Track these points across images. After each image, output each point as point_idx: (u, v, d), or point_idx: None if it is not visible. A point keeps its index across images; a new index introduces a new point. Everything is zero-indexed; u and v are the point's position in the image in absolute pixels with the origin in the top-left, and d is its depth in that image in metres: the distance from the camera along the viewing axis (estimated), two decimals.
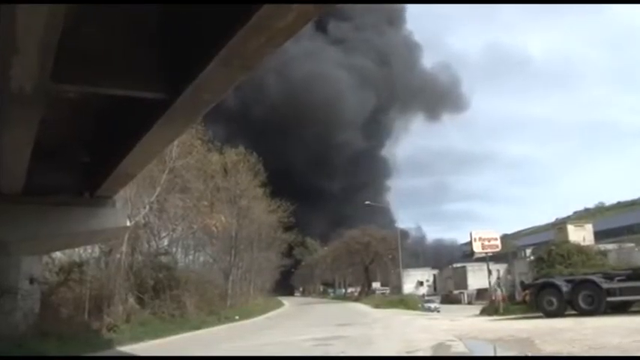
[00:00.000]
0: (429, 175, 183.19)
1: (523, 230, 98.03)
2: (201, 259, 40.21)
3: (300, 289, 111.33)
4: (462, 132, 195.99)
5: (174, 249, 31.41)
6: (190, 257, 37.71)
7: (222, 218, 30.51)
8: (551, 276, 23.10)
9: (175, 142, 21.55)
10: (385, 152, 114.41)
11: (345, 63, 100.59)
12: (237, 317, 31.39)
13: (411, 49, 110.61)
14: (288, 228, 53.86)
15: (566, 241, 32.12)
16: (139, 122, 7.87)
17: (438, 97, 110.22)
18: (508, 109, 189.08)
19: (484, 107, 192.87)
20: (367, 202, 67.62)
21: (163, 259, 27.59)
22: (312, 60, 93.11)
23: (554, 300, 20.21)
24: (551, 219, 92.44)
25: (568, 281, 20.47)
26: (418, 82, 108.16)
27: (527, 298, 21.65)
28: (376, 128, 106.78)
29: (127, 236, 20.79)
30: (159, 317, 22.99)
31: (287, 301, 66.53)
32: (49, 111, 7.46)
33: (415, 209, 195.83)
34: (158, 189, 23.87)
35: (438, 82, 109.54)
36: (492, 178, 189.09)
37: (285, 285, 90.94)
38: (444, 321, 23.43)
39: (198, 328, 23.68)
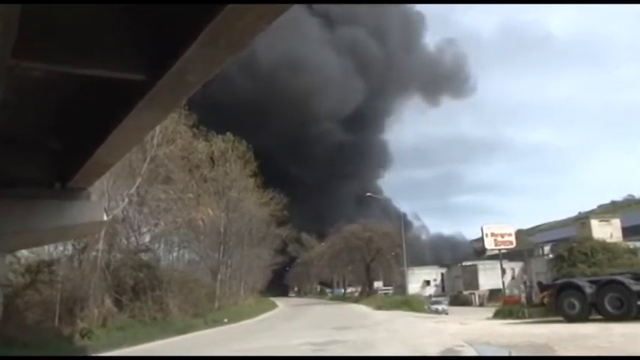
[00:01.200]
0: (434, 164, 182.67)
1: (541, 225, 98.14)
2: (187, 256, 40.20)
3: (295, 289, 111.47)
4: (473, 116, 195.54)
5: (156, 245, 31.38)
6: (174, 254, 37.66)
7: (210, 212, 30.48)
8: (573, 276, 23.01)
9: (157, 129, 21.85)
10: (381, 140, 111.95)
11: (329, 38, 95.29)
12: (225, 320, 31.49)
13: (412, 21, 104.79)
14: (281, 222, 53.85)
15: (590, 238, 32.02)
16: (117, 106, 7.79)
17: (442, 78, 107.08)
18: (525, 91, 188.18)
19: (497, 89, 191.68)
20: (369, 194, 67.69)
21: (144, 256, 27.58)
22: (289, 36, 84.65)
23: (576, 303, 20.09)
24: (573, 213, 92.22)
25: (592, 282, 20.30)
26: (420, 60, 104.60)
27: (546, 300, 21.55)
28: (368, 113, 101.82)
29: (103, 232, 20.66)
30: (139, 321, 22.97)
31: (281, 302, 66.76)
32: (11, 92, 7.26)
33: (419, 202, 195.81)
34: (138, 180, 23.83)
35: (442, 60, 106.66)
36: (506, 167, 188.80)
37: (278, 284, 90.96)
38: (453, 324, 23.38)
39: (182, 332, 23.63)
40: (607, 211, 79.45)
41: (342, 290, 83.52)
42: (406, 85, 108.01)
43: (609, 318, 18.96)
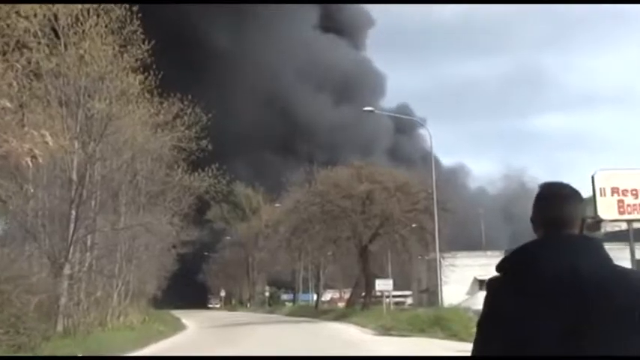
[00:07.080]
0: (498, 53, 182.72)
1: None
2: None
3: (222, 293, 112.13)
4: None
5: None
6: None
7: (49, 139, 29.16)
8: None
9: None
10: None
11: None
12: (79, 355, 31.20)
13: None
14: (197, 163, 52.65)
15: None
16: None
17: None
18: None
19: None
20: (367, 109, 67.03)
21: None
22: None
23: None
24: None
25: None
26: None
27: None
28: None
29: None
30: None
31: (193, 320, 68.15)
32: None
33: (467, 126, 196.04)
34: None
35: None
36: None
37: (189, 285, 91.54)
38: None
39: None
40: None
41: (314, 296, 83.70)
42: None
43: None
